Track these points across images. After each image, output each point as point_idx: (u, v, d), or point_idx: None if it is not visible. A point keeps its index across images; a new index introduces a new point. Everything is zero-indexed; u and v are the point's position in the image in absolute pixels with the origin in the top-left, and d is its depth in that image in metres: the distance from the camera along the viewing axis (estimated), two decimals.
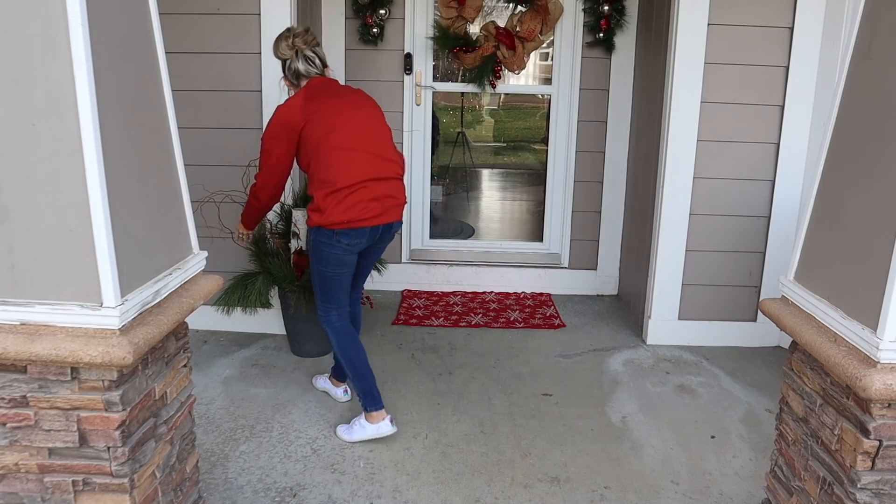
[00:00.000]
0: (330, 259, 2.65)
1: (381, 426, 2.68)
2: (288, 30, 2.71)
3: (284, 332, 3.66)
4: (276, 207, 3.56)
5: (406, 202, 2.78)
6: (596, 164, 4.40)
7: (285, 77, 2.73)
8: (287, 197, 3.56)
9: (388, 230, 2.73)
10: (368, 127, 2.66)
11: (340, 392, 3.07)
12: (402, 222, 2.81)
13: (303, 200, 3.53)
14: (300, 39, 2.66)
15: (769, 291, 3.67)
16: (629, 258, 4.30)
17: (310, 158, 2.60)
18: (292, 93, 2.76)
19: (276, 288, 3.50)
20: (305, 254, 3.35)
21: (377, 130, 2.69)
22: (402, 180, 2.76)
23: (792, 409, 1.94)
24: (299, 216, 3.30)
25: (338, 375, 3.08)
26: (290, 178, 3.54)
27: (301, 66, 2.66)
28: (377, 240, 2.73)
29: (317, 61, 2.69)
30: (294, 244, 3.35)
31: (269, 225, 3.49)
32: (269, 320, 3.75)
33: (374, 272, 3.95)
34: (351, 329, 2.77)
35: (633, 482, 2.50)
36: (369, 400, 2.70)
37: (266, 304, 3.49)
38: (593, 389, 3.21)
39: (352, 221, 2.56)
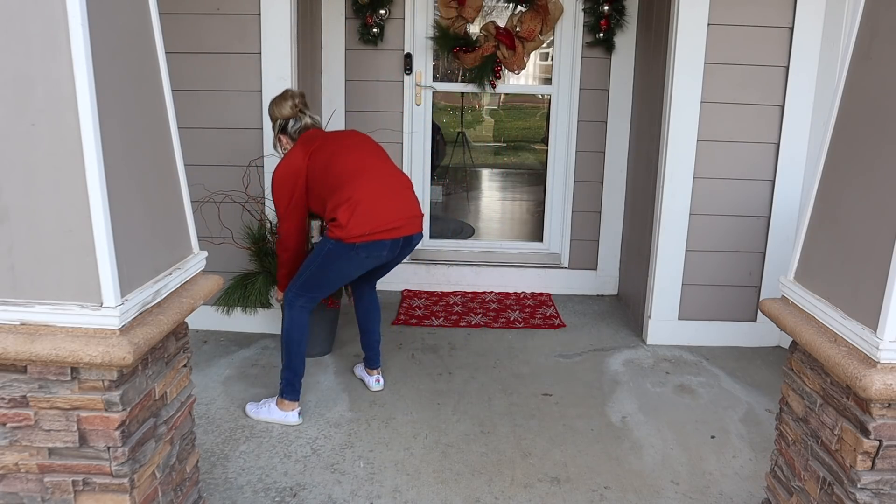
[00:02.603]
0: (339, 271, 2.75)
1: (290, 415, 2.83)
2: (287, 91, 2.90)
3: None
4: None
5: (423, 215, 2.85)
6: (596, 164, 4.40)
7: (283, 136, 2.89)
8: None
9: (409, 243, 2.79)
10: (368, 148, 2.81)
11: (372, 381, 3.14)
12: (422, 234, 2.88)
13: None
14: (299, 100, 2.87)
15: (769, 291, 3.67)
16: (629, 258, 4.30)
17: (320, 190, 2.70)
18: (284, 152, 2.89)
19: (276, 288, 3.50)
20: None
21: (377, 150, 2.83)
22: (413, 192, 2.83)
23: (792, 409, 1.94)
24: None
25: (369, 364, 3.17)
26: (262, 175, 3.54)
27: (309, 121, 2.88)
28: (398, 253, 2.80)
29: (316, 119, 2.94)
30: None
31: (269, 225, 3.49)
32: (269, 320, 3.75)
33: None
34: (306, 322, 2.83)
35: (633, 482, 2.50)
36: (290, 390, 2.83)
37: (266, 304, 3.49)
38: (593, 389, 3.21)
39: (373, 233, 2.62)
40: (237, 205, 3.58)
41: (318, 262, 2.72)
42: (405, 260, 4.49)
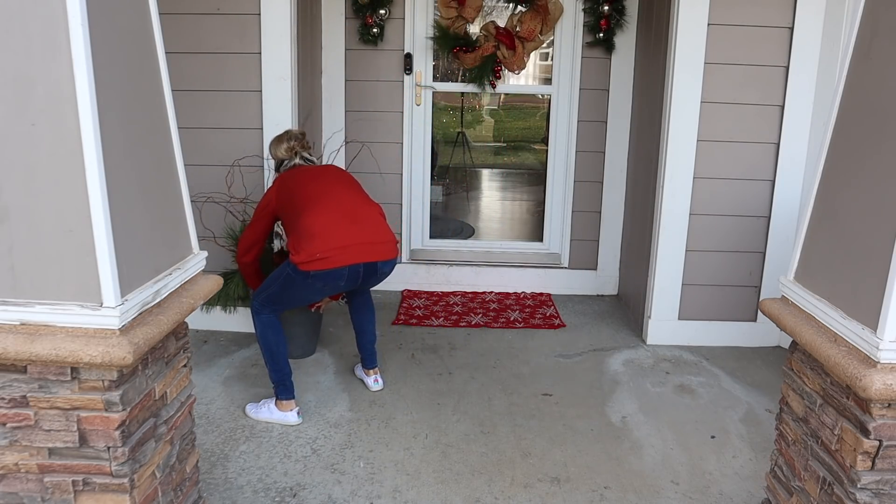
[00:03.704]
0: (297, 295, 2.79)
1: (289, 415, 2.83)
2: (286, 132, 3.06)
3: None
4: None
5: (395, 240, 2.84)
6: (596, 164, 4.40)
7: (277, 174, 3.06)
8: None
9: (373, 270, 2.78)
10: (332, 179, 2.89)
11: (370, 381, 3.14)
12: (394, 261, 2.85)
13: None
14: (295, 143, 3.01)
15: (769, 291, 3.67)
16: (629, 258, 4.30)
17: (288, 221, 2.78)
18: None
19: None
20: (287, 254, 3.33)
21: (343, 181, 2.90)
22: (381, 219, 2.83)
23: (792, 409, 1.94)
24: None
25: (365, 364, 3.18)
26: (262, 175, 3.55)
27: (298, 160, 3.01)
28: (362, 281, 2.79)
29: (308, 158, 3.05)
30: (276, 245, 3.34)
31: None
32: None
33: None
34: (277, 322, 2.84)
35: (633, 482, 2.50)
36: (282, 389, 2.84)
37: (246, 300, 3.46)
38: (593, 389, 3.21)
39: (323, 258, 2.62)
40: (234, 204, 3.58)
41: (279, 283, 2.76)
42: (405, 260, 4.52)
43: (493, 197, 7.27)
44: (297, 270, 2.66)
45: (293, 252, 2.67)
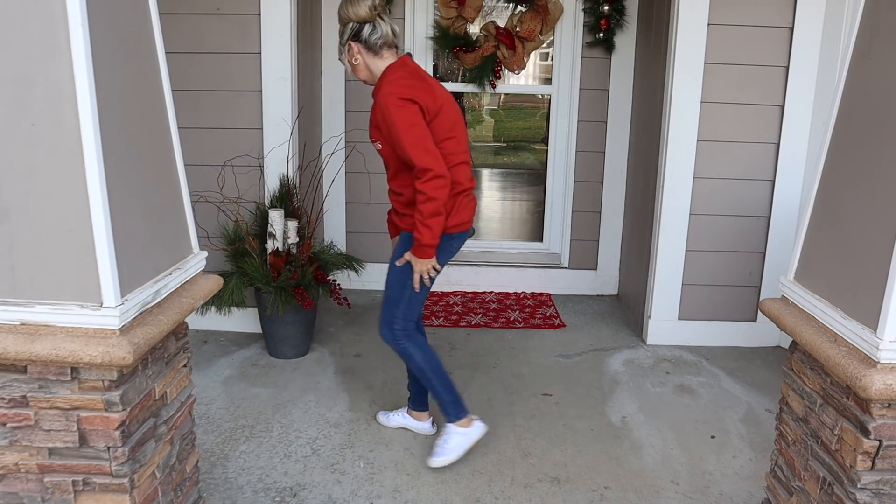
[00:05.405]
0: (439, 266, 2.48)
1: (473, 430, 2.56)
2: None
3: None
4: (252, 208, 3.54)
5: None
6: (596, 164, 4.40)
7: (355, 44, 2.32)
8: (263, 197, 3.55)
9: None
10: (461, 116, 2.49)
11: (428, 425, 2.78)
12: None
13: (279, 200, 3.48)
14: (381, 2, 2.29)
15: (769, 291, 3.67)
16: (629, 258, 4.30)
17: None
18: (356, 68, 2.38)
19: (254, 289, 3.46)
20: (282, 254, 3.33)
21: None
22: None
23: (792, 409, 1.94)
24: (275, 217, 3.28)
25: (418, 405, 2.78)
26: (261, 174, 3.52)
27: (390, 30, 2.30)
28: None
29: (396, 29, 2.38)
30: (270, 245, 3.33)
31: (245, 226, 3.45)
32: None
33: (365, 270, 3.97)
34: (426, 344, 2.59)
35: (633, 482, 2.50)
36: (460, 408, 2.56)
37: (240, 304, 3.45)
38: (593, 389, 3.21)
39: (465, 223, 2.49)
40: (234, 204, 3.58)
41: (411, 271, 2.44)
42: None
43: (493, 197, 7.27)
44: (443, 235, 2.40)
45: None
